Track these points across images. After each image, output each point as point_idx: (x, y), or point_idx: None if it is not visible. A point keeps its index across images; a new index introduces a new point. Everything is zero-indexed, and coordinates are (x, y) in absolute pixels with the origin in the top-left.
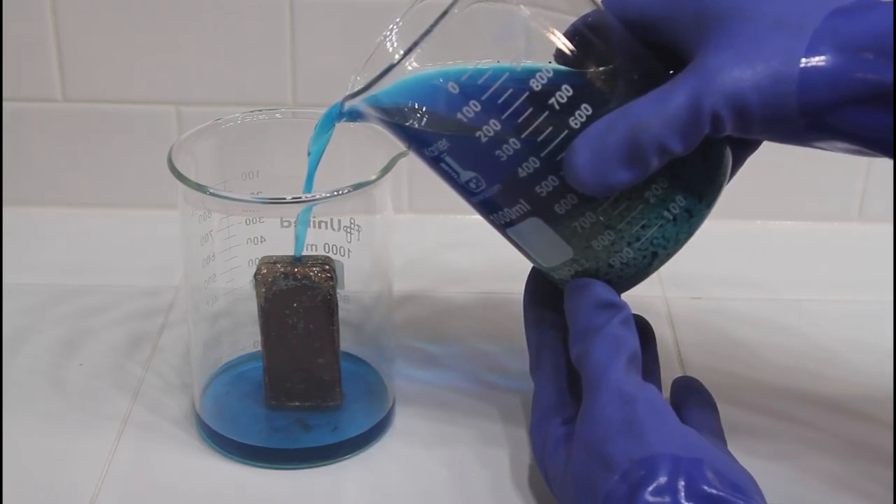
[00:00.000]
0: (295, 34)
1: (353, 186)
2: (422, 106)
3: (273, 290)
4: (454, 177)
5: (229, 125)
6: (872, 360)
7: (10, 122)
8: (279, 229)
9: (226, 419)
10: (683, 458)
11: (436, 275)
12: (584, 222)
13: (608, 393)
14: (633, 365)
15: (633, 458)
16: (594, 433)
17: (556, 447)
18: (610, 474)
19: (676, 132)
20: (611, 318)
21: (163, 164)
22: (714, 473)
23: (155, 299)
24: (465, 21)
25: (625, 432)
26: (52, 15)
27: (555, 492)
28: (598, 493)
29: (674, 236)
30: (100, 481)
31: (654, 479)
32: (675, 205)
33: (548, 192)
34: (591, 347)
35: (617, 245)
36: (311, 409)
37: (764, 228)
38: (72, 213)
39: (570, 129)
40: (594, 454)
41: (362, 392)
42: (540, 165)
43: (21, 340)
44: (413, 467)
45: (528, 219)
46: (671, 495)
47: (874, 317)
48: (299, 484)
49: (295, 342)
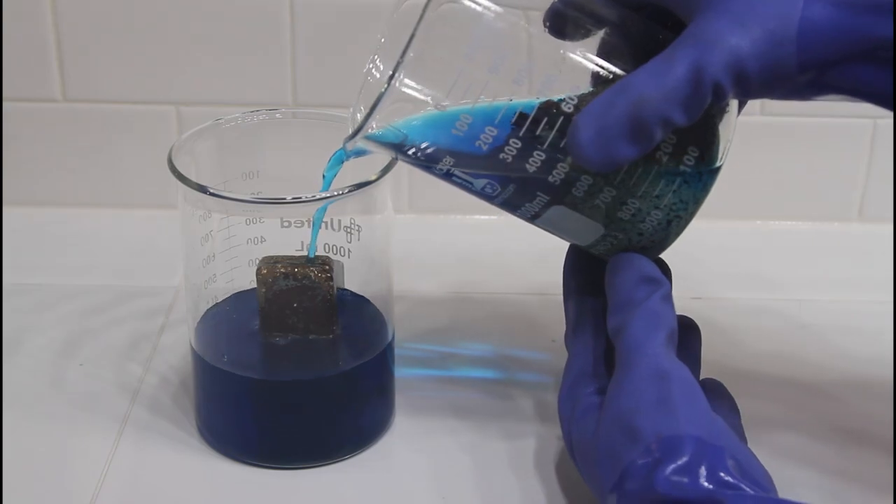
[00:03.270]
0: (295, 34)
1: (353, 186)
2: (423, 141)
3: (273, 290)
4: (468, 186)
5: (229, 125)
6: (872, 360)
7: (10, 122)
8: (279, 229)
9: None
10: (708, 443)
11: (436, 275)
12: (605, 198)
13: (644, 367)
14: (671, 342)
15: (661, 434)
16: (625, 404)
17: (584, 414)
18: (634, 446)
19: (679, 105)
20: (651, 293)
21: (163, 164)
22: (735, 463)
23: (155, 299)
24: (438, 31)
25: (656, 407)
26: (52, 15)
27: (576, 458)
28: (619, 463)
29: (697, 185)
30: (100, 481)
31: (677, 458)
32: (689, 157)
33: (561, 179)
34: (630, 320)
35: (643, 211)
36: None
37: (764, 228)
38: (72, 213)
39: (566, 114)
40: (622, 425)
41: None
42: (546, 157)
43: (21, 340)
44: (413, 467)
45: (551, 208)
46: (691, 477)
47: (874, 317)
48: (299, 484)
49: None
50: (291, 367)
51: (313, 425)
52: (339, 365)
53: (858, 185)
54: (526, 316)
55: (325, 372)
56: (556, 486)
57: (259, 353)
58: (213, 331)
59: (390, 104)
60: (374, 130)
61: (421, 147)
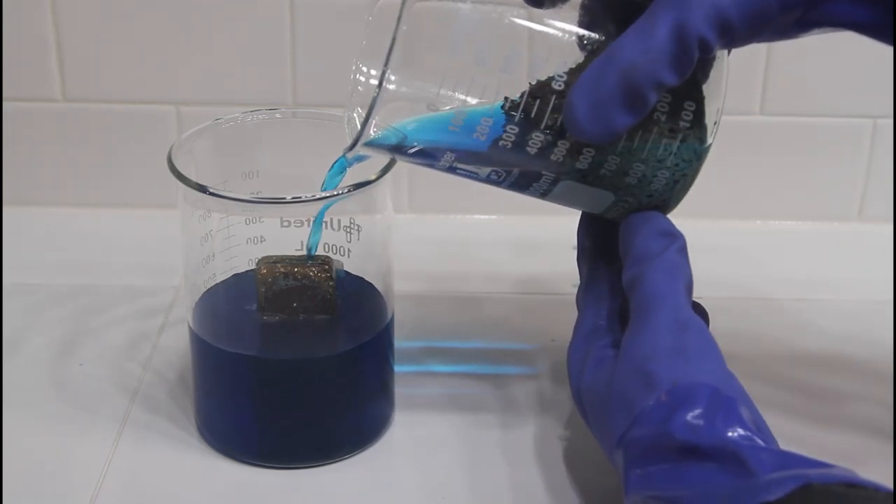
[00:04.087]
0: (295, 34)
1: (353, 186)
2: (422, 140)
3: (273, 290)
4: (473, 177)
5: (229, 125)
6: (872, 360)
7: (10, 122)
8: (279, 229)
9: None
10: (723, 394)
11: (436, 274)
12: (610, 167)
13: (664, 315)
14: (689, 293)
15: (676, 382)
16: (641, 351)
17: (597, 365)
18: (649, 392)
19: (667, 66)
20: (668, 246)
21: (163, 164)
22: (749, 413)
23: (155, 299)
24: (418, 30)
25: (673, 355)
26: (52, 15)
27: (586, 410)
28: (632, 409)
29: (699, 139)
30: (100, 481)
31: (692, 405)
32: (687, 112)
33: (563, 155)
34: (648, 271)
35: (649, 172)
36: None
37: (764, 228)
38: (72, 213)
39: (557, 92)
40: (637, 371)
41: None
42: (545, 137)
43: (21, 340)
44: (413, 466)
45: (559, 184)
46: (706, 424)
47: (874, 317)
48: (299, 484)
49: None
50: (290, 349)
51: (314, 420)
52: (339, 353)
53: (858, 185)
54: (526, 315)
55: (323, 355)
56: (557, 484)
57: (258, 333)
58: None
59: (384, 108)
60: (372, 136)
61: (421, 146)
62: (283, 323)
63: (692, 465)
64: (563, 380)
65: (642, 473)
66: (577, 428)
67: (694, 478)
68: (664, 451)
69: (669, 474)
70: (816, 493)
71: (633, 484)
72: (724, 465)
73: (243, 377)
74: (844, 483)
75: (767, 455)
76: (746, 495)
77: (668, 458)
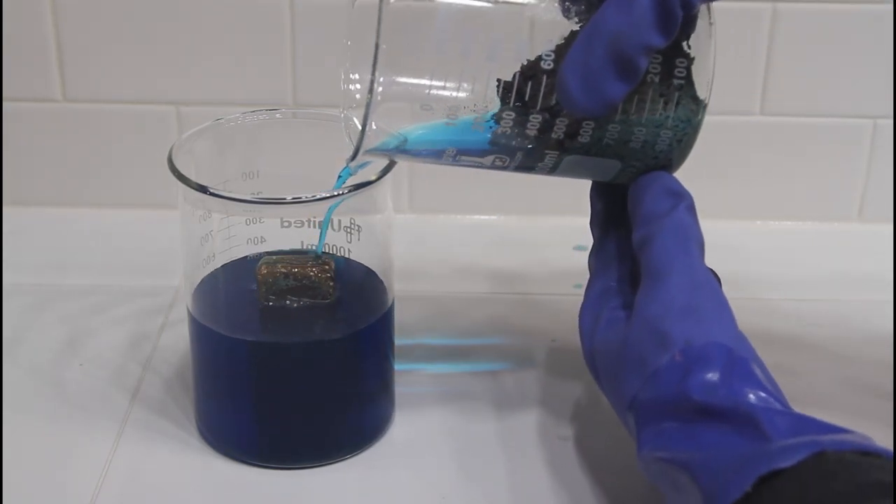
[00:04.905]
0: (295, 34)
1: (353, 186)
2: (422, 139)
3: (273, 290)
4: (478, 166)
5: (229, 125)
6: (872, 360)
7: (10, 122)
8: (279, 229)
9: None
10: (737, 354)
11: (436, 275)
12: (612, 135)
13: (676, 275)
14: (701, 252)
15: (690, 341)
16: (655, 310)
17: (608, 325)
18: (663, 352)
19: (653, 29)
20: (677, 204)
21: (163, 164)
22: (762, 373)
23: (155, 299)
24: (400, 30)
25: (686, 314)
26: (52, 15)
27: (598, 371)
28: (646, 368)
29: (696, 94)
30: (100, 481)
31: (708, 365)
32: (679, 69)
33: (564, 132)
34: (658, 231)
35: (651, 136)
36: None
37: (764, 228)
38: (72, 213)
39: (547, 71)
40: (651, 330)
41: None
42: (542, 117)
43: (21, 340)
44: (413, 467)
45: (563, 160)
46: (723, 385)
47: (874, 317)
48: (299, 484)
49: None
50: (289, 333)
51: (314, 416)
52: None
53: (858, 185)
54: (525, 315)
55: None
56: (557, 483)
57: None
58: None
59: (378, 113)
60: (373, 145)
61: (422, 145)
62: (283, 308)
63: (706, 427)
64: (564, 380)
65: (655, 432)
66: (577, 428)
67: (707, 439)
68: (678, 410)
69: (682, 435)
70: (830, 461)
71: (645, 443)
72: (738, 428)
73: (242, 364)
74: (858, 451)
75: (782, 418)
76: (759, 461)
77: (681, 418)
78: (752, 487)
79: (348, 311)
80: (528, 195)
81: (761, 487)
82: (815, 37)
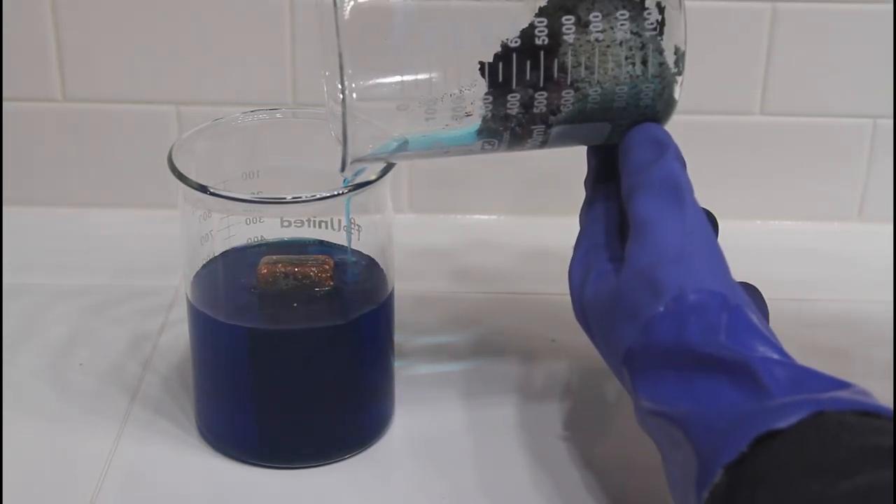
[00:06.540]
0: (295, 34)
1: (353, 186)
2: (409, 140)
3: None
4: (468, 152)
5: (229, 125)
6: (872, 360)
7: (10, 122)
8: (279, 229)
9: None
10: (731, 301)
11: (436, 275)
12: (594, 99)
13: (667, 221)
14: (691, 197)
15: (684, 288)
16: (646, 258)
17: (599, 276)
18: (656, 300)
19: None
20: (664, 153)
21: (163, 164)
22: (758, 319)
23: (155, 299)
24: (359, 35)
25: (678, 262)
26: (52, 15)
27: (589, 324)
28: (640, 318)
29: (661, 45)
30: (100, 481)
31: (704, 313)
32: (651, 22)
33: (546, 105)
34: (647, 180)
35: (634, 91)
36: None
37: (764, 228)
38: (72, 213)
39: (517, 49)
40: (643, 278)
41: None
42: (522, 94)
43: (21, 340)
44: (413, 467)
45: (551, 131)
46: (719, 331)
47: (874, 317)
48: (299, 484)
49: None
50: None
51: (313, 414)
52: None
53: (858, 185)
54: (525, 315)
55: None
56: (557, 483)
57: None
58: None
59: (356, 119)
60: (360, 154)
61: (408, 146)
62: (281, 295)
63: (703, 377)
64: (563, 380)
65: (651, 381)
66: (577, 428)
67: (703, 391)
68: (675, 359)
69: (679, 385)
70: (828, 422)
71: (641, 392)
72: (736, 378)
73: (241, 354)
74: (858, 411)
75: (781, 369)
76: (755, 420)
77: (678, 367)
78: (748, 447)
79: (347, 298)
80: (529, 195)
81: (757, 448)
82: (815, 37)
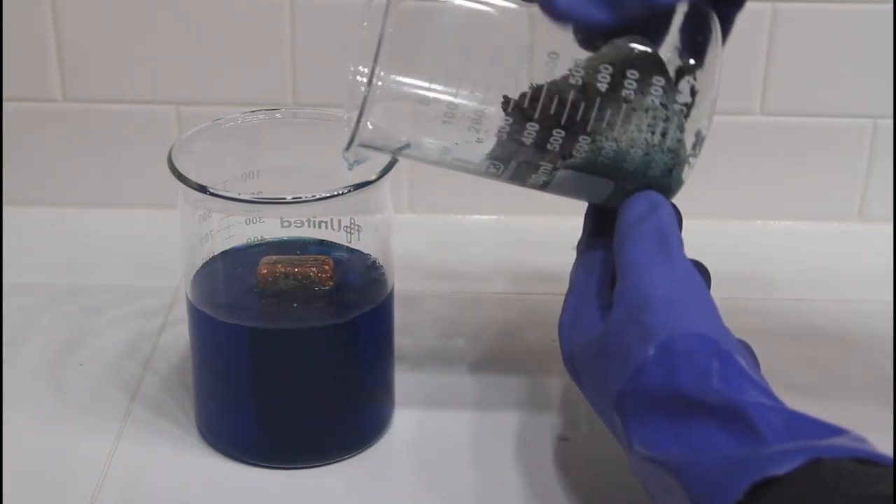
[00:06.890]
0: (295, 34)
1: (353, 186)
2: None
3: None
4: (471, 169)
5: (229, 125)
6: (872, 361)
7: (10, 122)
8: (279, 229)
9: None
10: (722, 347)
11: (436, 275)
12: (607, 153)
13: (656, 268)
14: (680, 249)
15: (673, 332)
16: (636, 301)
17: (589, 323)
18: (645, 346)
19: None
20: (656, 210)
21: (163, 164)
22: (748, 365)
23: (155, 299)
24: (405, 26)
25: (667, 306)
26: (52, 15)
27: (578, 370)
28: (629, 363)
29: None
30: (100, 481)
31: (695, 358)
32: (682, 95)
33: (560, 144)
34: (638, 232)
35: (646, 158)
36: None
37: (764, 228)
38: (72, 213)
39: (558, 83)
40: (633, 322)
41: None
42: (540, 127)
43: (21, 340)
44: (413, 467)
45: (557, 174)
46: (711, 376)
47: (874, 317)
48: (299, 484)
49: None
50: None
51: (313, 414)
52: (344, 358)
53: (858, 185)
54: (526, 315)
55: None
56: (557, 483)
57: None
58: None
59: (376, 107)
60: (368, 137)
61: (416, 148)
62: (281, 297)
63: (696, 422)
64: (563, 380)
65: (643, 427)
66: (577, 428)
67: (697, 438)
68: (667, 405)
69: (672, 431)
70: (826, 470)
71: (634, 437)
72: (730, 424)
73: (241, 353)
74: (855, 458)
75: (775, 415)
76: (752, 467)
77: (670, 413)
78: (744, 495)
79: (347, 298)
80: (529, 195)
81: (753, 495)
82: (815, 37)
